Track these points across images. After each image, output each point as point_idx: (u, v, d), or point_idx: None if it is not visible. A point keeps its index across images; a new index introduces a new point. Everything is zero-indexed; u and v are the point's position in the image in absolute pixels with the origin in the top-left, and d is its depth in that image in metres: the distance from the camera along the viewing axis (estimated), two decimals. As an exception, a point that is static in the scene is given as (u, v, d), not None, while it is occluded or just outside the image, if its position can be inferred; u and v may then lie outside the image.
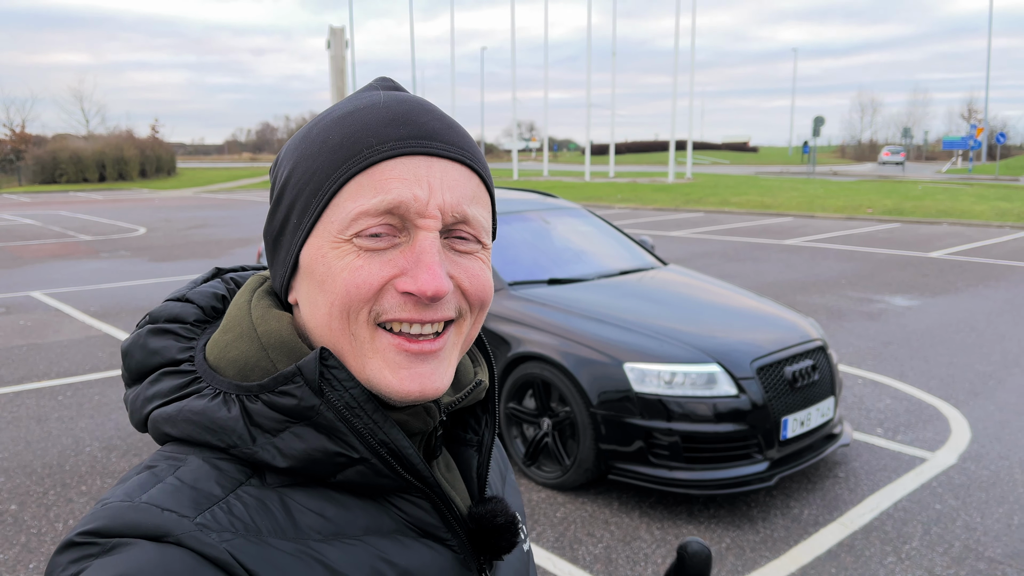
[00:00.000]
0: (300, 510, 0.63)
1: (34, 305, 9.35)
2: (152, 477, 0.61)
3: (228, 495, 0.61)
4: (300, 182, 0.66)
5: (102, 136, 52.52)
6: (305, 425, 0.63)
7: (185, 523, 0.57)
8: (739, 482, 3.84)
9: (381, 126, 0.65)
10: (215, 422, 0.63)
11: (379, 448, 0.64)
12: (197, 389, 0.66)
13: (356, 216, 0.63)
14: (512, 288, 4.64)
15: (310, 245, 0.65)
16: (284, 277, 0.69)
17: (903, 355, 6.83)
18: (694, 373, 3.87)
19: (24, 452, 4.76)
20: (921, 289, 9.87)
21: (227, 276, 0.80)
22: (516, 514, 0.75)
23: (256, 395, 0.64)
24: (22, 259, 13.55)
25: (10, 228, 19.33)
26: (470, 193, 0.67)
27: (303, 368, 0.63)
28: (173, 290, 0.78)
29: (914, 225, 17.73)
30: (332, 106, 0.71)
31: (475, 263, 0.67)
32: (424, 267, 0.62)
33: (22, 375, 6.37)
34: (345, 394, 0.63)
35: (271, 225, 0.70)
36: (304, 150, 0.67)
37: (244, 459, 0.63)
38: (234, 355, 0.67)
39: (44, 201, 30.72)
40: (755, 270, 11.49)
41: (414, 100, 0.68)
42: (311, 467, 0.63)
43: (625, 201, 25.04)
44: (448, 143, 0.66)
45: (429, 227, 0.64)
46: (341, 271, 0.63)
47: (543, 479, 4.25)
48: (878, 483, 4.29)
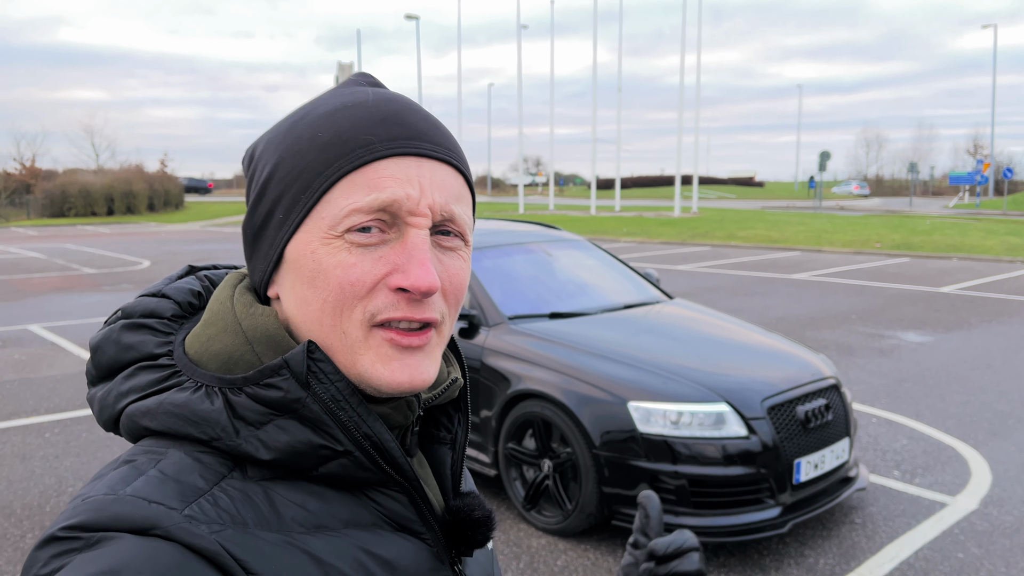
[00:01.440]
0: (283, 503, 0.63)
1: (31, 339, 9.21)
2: (133, 470, 0.60)
3: (212, 487, 0.60)
4: (287, 177, 0.66)
5: (112, 170, 52.91)
6: (290, 418, 0.63)
7: (174, 515, 0.56)
8: (750, 529, 3.63)
9: (372, 124, 0.66)
10: (197, 414, 0.63)
11: (363, 441, 0.64)
12: (178, 382, 0.65)
13: (349, 212, 0.64)
14: (512, 322, 4.48)
15: (297, 240, 0.65)
16: (266, 271, 0.69)
17: (918, 393, 6.61)
18: (702, 413, 3.69)
19: (5, 492, 4.58)
20: (934, 325, 9.66)
21: (201, 273, 0.80)
22: (491, 509, 0.76)
23: (240, 388, 0.64)
24: (24, 292, 13.46)
25: (15, 261, 19.30)
26: (456, 192, 0.68)
27: (290, 361, 0.63)
28: (146, 287, 0.76)
29: (924, 260, 17.53)
30: (314, 100, 0.70)
31: (457, 261, 0.69)
32: (417, 263, 0.63)
33: (11, 411, 6.21)
34: (331, 387, 0.63)
35: (252, 219, 0.69)
36: (290, 145, 0.67)
37: (226, 452, 0.63)
38: (217, 348, 0.67)
39: (51, 234, 30.81)
40: (763, 305, 11.31)
41: (401, 99, 0.69)
42: (294, 460, 0.63)
43: (631, 235, 24.94)
44: (436, 144, 0.68)
45: (420, 225, 0.65)
46: (333, 268, 0.64)
47: (543, 524, 4.04)
48: (897, 530, 4.07)
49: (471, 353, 4.41)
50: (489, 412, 4.30)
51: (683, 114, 35.36)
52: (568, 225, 28.17)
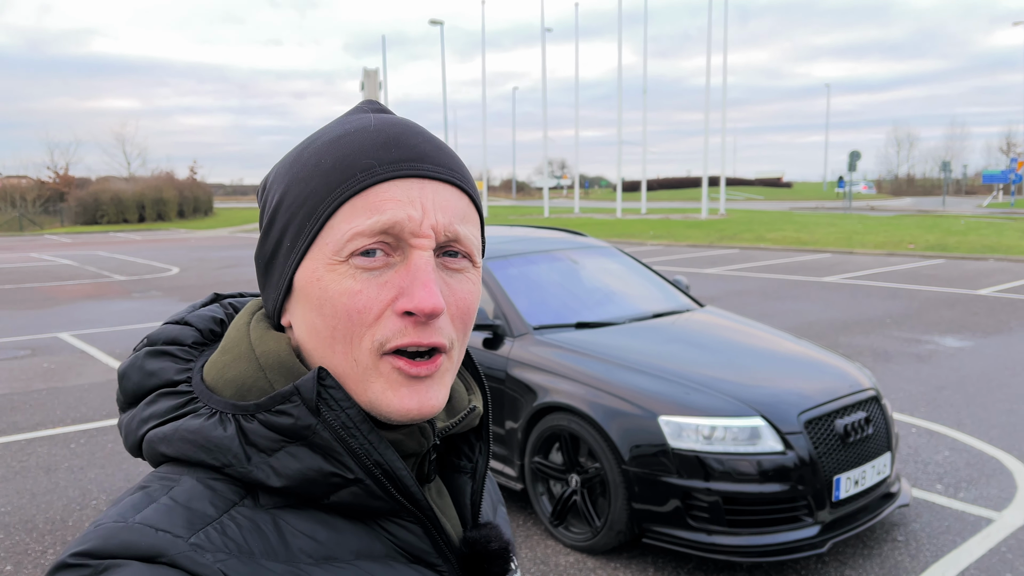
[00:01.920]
0: (292, 532, 0.62)
1: (60, 347, 9.28)
2: (145, 497, 0.61)
3: (222, 515, 0.60)
4: (293, 205, 0.66)
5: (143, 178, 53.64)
6: (301, 445, 0.63)
7: (179, 543, 0.56)
8: (787, 548, 3.48)
9: (374, 149, 0.65)
10: (210, 441, 0.63)
11: (374, 469, 0.64)
12: (193, 409, 0.66)
13: (351, 237, 0.63)
14: (537, 332, 4.37)
15: (304, 268, 0.66)
16: (277, 300, 0.69)
17: (959, 401, 6.38)
18: (735, 427, 3.55)
19: (28, 506, 4.55)
20: (972, 329, 9.38)
21: (226, 301, 0.81)
22: (510, 540, 0.75)
23: (252, 414, 0.64)
24: (55, 299, 13.61)
25: (48, 268, 19.57)
26: (461, 213, 0.68)
27: (301, 387, 0.63)
28: (172, 314, 0.75)
29: (959, 261, 17.12)
30: (321, 129, 0.71)
31: (465, 284, 0.68)
32: (420, 284, 0.63)
33: (37, 421, 6.22)
34: (342, 414, 0.63)
35: (263, 249, 0.70)
36: (296, 173, 0.67)
37: (238, 479, 0.63)
38: (232, 375, 0.67)
39: (84, 242, 31.26)
40: (794, 309, 11.08)
41: (404, 122, 0.69)
42: (305, 487, 0.63)
43: (657, 238, 24.70)
44: (439, 164, 0.67)
45: (424, 246, 0.64)
46: (340, 296, 0.63)
47: (571, 541, 3.92)
48: (942, 548, 3.89)
49: (496, 364, 4.31)
50: (515, 424, 4.19)
51: (709, 115, 35.05)
52: (594, 228, 28.00)
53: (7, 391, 7.19)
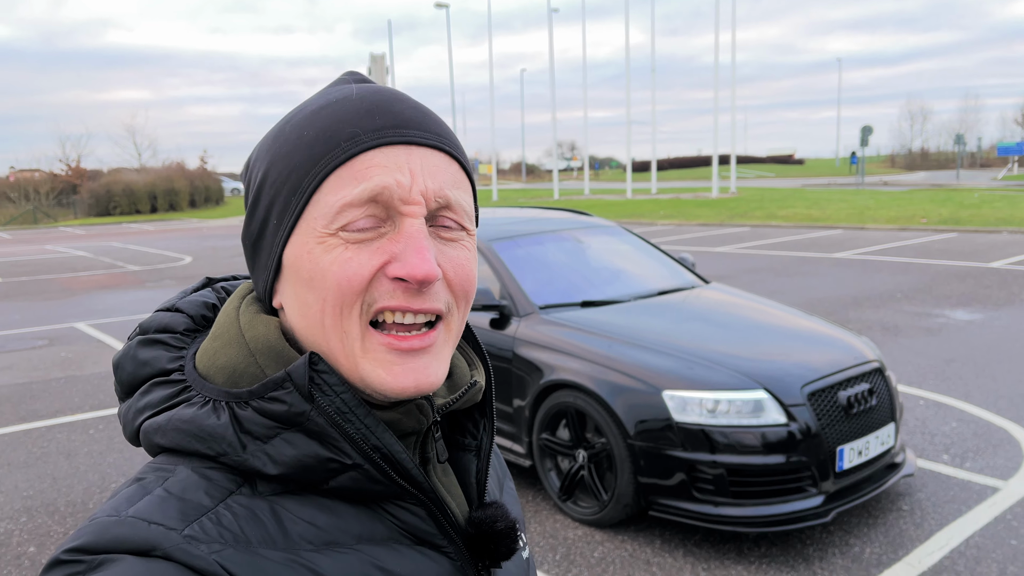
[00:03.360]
0: (291, 519, 0.61)
1: (76, 336, 9.42)
2: (140, 490, 0.60)
3: (217, 505, 0.59)
4: (278, 181, 0.65)
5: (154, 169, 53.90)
6: (296, 431, 0.62)
7: (173, 536, 0.56)
8: (792, 518, 3.53)
9: (357, 118, 0.64)
10: (204, 430, 0.62)
11: (372, 453, 0.63)
12: (187, 398, 0.65)
13: (340, 209, 0.62)
14: (543, 312, 4.41)
15: (293, 244, 0.64)
16: (267, 281, 0.67)
17: (967, 373, 6.39)
18: (739, 400, 3.59)
19: (49, 490, 4.67)
20: (983, 301, 9.35)
21: (218, 285, 0.79)
22: (516, 520, 0.74)
23: (246, 402, 0.63)
24: (71, 290, 13.78)
25: (63, 260, 19.78)
26: (451, 179, 0.66)
27: (292, 373, 0.62)
28: (161, 302, 0.75)
29: (972, 234, 17.01)
30: (303, 102, 0.69)
31: (460, 251, 0.66)
32: (413, 251, 0.61)
33: (56, 408, 6.34)
34: (336, 399, 0.62)
35: (249, 229, 0.68)
36: (278, 149, 0.66)
37: (234, 467, 0.62)
38: (223, 362, 0.66)
39: (98, 233, 31.52)
40: (804, 285, 11.07)
41: (387, 90, 0.68)
42: (303, 474, 0.62)
43: (668, 217, 24.64)
44: (426, 131, 0.65)
45: (414, 213, 0.63)
46: (330, 265, 0.62)
47: (579, 515, 3.99)
48: (947, 517, 3.93)
49: (503, 344, 4.37)
50: (522, 402, 4.25)
51: (719, 93, 34.79)
52: (604, 209, 27.95)
53: (26, 380, 7.32)
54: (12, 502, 4.51)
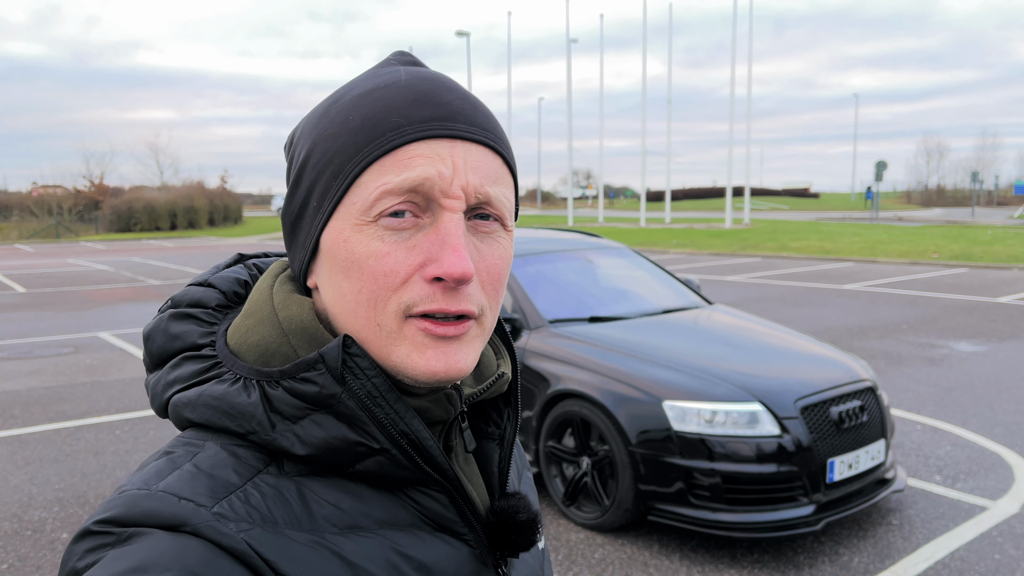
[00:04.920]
0: (317, 501, 0.62)
1: (101, 345, 9.72)
2: (170, 463, 0.61)
3: (246, 483, 0.60)
4: (320, 163, 0.65)
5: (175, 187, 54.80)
6: (326, 413, 0.62)
7: (202, 512, 0.56)
8: (784, 525, 3.72)
9: (404, 106, 0.63)
10: (234, 407, 0.63)
11: (399, 439, 0.63)
12: (218, 374, 0.65)
13: (380, 195, 0.62)
14: (553, 325, 4.65)
15: (331, 228, 0.64)
16: (304, 261, 0.68)
17: (966, 401, 6.55)
18: (735, 412, 3.80)
19: (79, 484, 4.92)
20: (987, 335, 9.49)
21: (250, 262, 0.80)
22: (538, 511, 0.74)
23: (277, 381, 0.63)
24: (93, 302, 14.14)
25: (85, 273, 20.22)
26: (493, 174, 0.65)
27: (325, 355, 0.62)
28: (195, 275, 0.79)
29: (982, 270, 17.12)
30: (351, 82, 0.69)
31: (495, 248, 0.66)
32: (450, 249, 0.61)
33: (84, 410, 6.61)
34: (367, 383, 0.62)
35: (289, 207, 0.68)
36: (323, 130, 0.65)
37: (262, 446, 0.62)
38: (255, 340, 0.66)
39: (119, 248, 32.08)
40: (812, 315, 11.24)
41: (436, 77, 0.67)
42: (330, 456, 0.62)
43: (680, 246, 24.86)
44: (472, 124, 0.65)
45: (453, 208, 0.63)
46: (367, 258, 0.62)
47: (582, 519, 4.18)
48: (934, 531, 4.10)
49: (513, 355, 4.59)
50: (530, 412, 4.47)
51: (734, 126, 35.14)
52: (617, 237, 28.18)
53: (54, 384, 7.61)
54: (45, 493, 4.76)
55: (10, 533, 4.20)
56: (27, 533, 4.20)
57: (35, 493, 4.76)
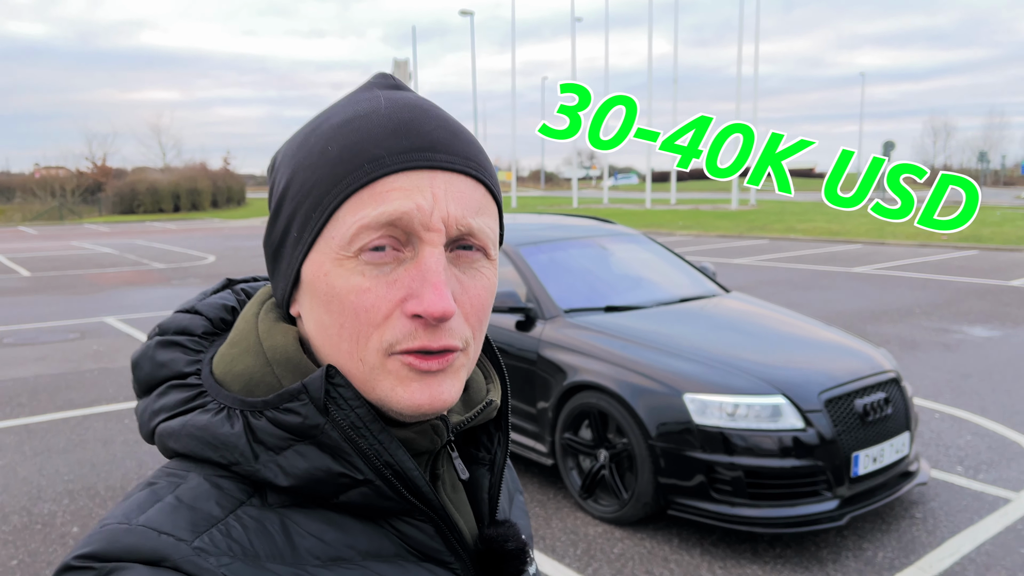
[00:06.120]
0: (299, 533, 0.61)
1: (107, 330, 9.66)
2: (152, 495, 0.60)
3: (228, 516, 0.60)
4: (299, 194, 0.64)
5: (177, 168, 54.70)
6: (309, 444, 0.62)
7: (182, 547, 0.56)
8: (807, 520, 3.65)
9: (383, 137, 0.62)
10: (217, 438, 0.62)
11: (383, 470, 0.62)
12: (202, 403, 0.65)
13: (357, 230, 0.61)
14: (568, 315, 4.56)
15: (311, 260, 0.63)
16: (286, 290, 0.67)
17: (984, 388, 6.46)
18: (758, 405, 3.71)
19: (89, 475, 4.86)
20: (1002, 319, 9.39)
21: (238, 287, 0.79)
22: (527, 541, 0.73)
23: (260, 411, 0.63)
24: (98, 286, 14.08)
25: (90, 256, 20.16)
26: (476, 204, 0.64)
27: (308, 386, 0.62)
28: (183, 301, 0.77)
29: (993, 252, 16.97)
30: (331, 107, 0.68)
31: (478, 279, 0.65)
32: (430, 287, 0.60)
33: (92, 398, 6.55)
34: (351, 413, 0.62)
35: (271, 236, 0.67)
36: (302, 159, 0.64)
37: (246, 477, 0.62)
38: (240, 369, 0.66)
39: (122, 231, 32.02)
40: (822, 298, 11.13)
41: (417, 104, 0.65)
42: (314, 487, 0.62)
43: (686, 228, 24.71)
44: (453, 154, 0.64)
45: (434, 241, 0.61)
46: (347, 293, 0.61)
47: (600, 513, 4.12)
48: (959, 525, 4.02)
49: (528, 346, 4.51)
50: (546, 403, 4.39)
51: (740, 105, 34.84)
52: (622, 218, 28.04)
53: (61, 371, 7.55)
54: (55, 485, 4.71)
55: (19, 527, 4.14)
56: (37, 527, 4.15)
57: (44, 485, 4.71)
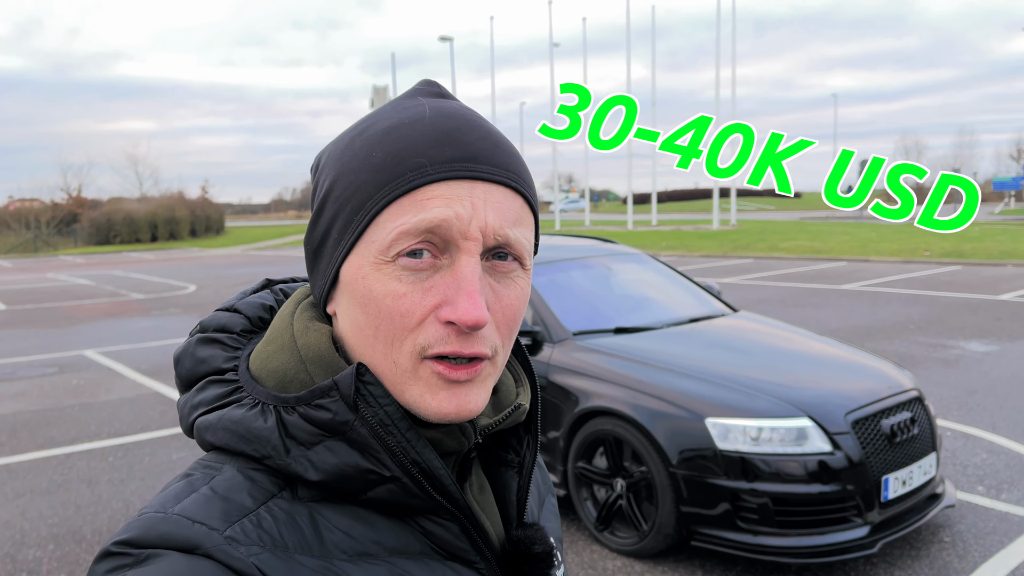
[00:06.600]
0: (327, 527, 0.63)
1: (86, 364, 9.35)
2: (187, 486, 0.62)
3: (259, 507, 0.61)
4: (342, 197, 0.65)
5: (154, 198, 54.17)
6: (339, 440, 0.63)
7: (215, 536, 0.57)
8: (838, 549, 3.48)
9: (426, 146, 0.63)
10: (251, 432, 0.64)
11: (411, 467, 0.63)
12: (238, 398, 0.66)
13: (397, 236, 0.62)
14: (577, 338, 4.39)
15: (351, 262, 0.65)
16: (324, 288, 0.68)
17: (991, 404, 6.37)
18: (783, 428, 3.56)
19: (74, 517, 4.60)
20: (997, 334, 9.35)
21: (276, 287, 0.81)
22: (555, 544, 0.74)
23: (293, 407, 0.64)
24: (76, 318, 13.73)
25: (66, 288, 19.74)
26: (513, 216, 0.65)
27: (339, 383, 0.63)
28: (224, 300, 0.78)
29: (976, 267, 17.07)
30: (375, 113, 0.69)
31: (512, 288, 0.66)
32: (465, 295, 0.61)
33: (73, 436, 6.27)
34: (380, 411, 0.63)
35: (312, 235, 0.69)
36: (347, 163, 0.66)
37: (277, 470, 0.63)
38: (274, 366, 0.67)
39: (98, 262, 31.50)
40: (815, 316, 11.07)
41: (461, 114, 0.66)
42: (342, 483, 0.63)
43: (670, 249, 24.72)
44: (494, 165, 0.65)
45: (471, 250, 0.63)
46: (384, 297, 0.62)
47: (618, 545, 3.93)
48: (990, 549, 3.88)
49: (537, 370, 4.32)
50: (557, 431, 4.21)
51: (718, 127, 35.11)
52: (606, 240, 27.98)
53: (40, 407, 7.25)
54: (38, 529, 4.44)
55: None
56: (22, 575, 3.88)
57: (28, 529, 4.44)
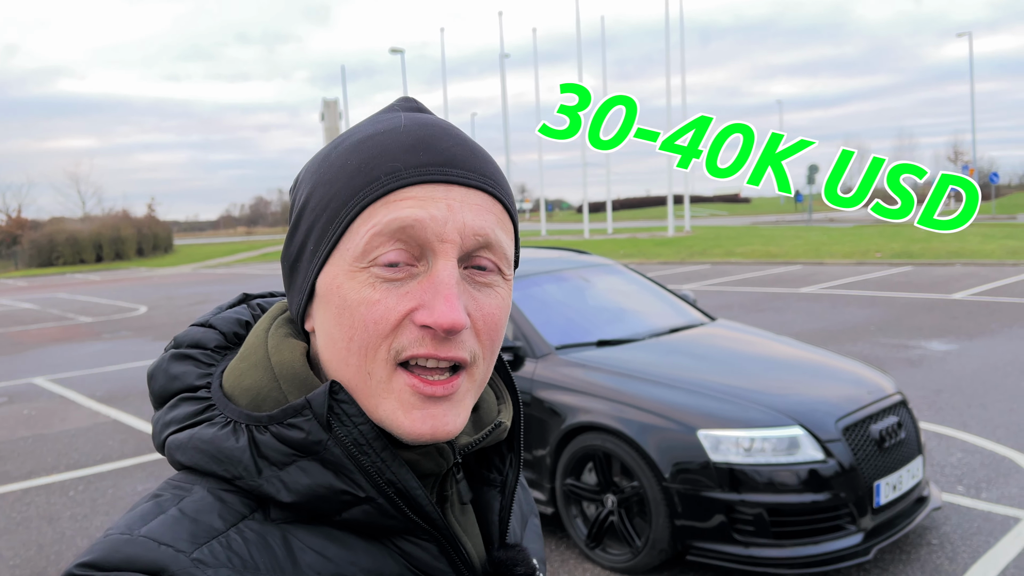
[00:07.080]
0: (301, 548, 0.61)
1: (37, 392, 8.97)
2: (156, 507, 0.60)
3: (229, 529, 0.59)
4: (317, 207, 0.64)
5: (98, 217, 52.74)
6: (312, 460, 0.61)
7: (181, 559, 0.56)
8: (835, 558, 3.46)
9: (401, 152, 0.62)
10: (222, 451, 0.62)
11: (386, 488, 0.62)
12: (210, 417, 0.65)
13: (370, 239, 0.61)
14: (560, 352, 4.32)
15: (326, 273, 0.63)
16: (300, 304, 0.67)
17: (959, 403, 6.47)
18: (775, 438, 3.53)
19: (36, 558, 4.35)
20: (956, 332, 9.56)
21: (253, 302, 0.79)
22: (537, 566, 0.72)
23: (265, 426, 0.62)
24: (23, 344, 13.20)
25: (9, 313, 19.00)
26: (493, 219, 0.63)
27: (312, 401, 0.61)
28: (199, 315, 0.75)
29: (927, 267, 17.51)
30: (353, 127, 0.68)
31: (492, 298, 0.64)
32: (441, 298, 0.60)
33: (29, 470, 5.97)
34: (354, 430, 0.61)
35: (288, 250, 0.68)
36: (322, 175, 0.65)
37: (249, 491, 0.61)
38: (248, 384, 0.65)
39: (42, 284, 30.47)
40: (778, 320, 11.19)
41: (436, 124, 0.65)
42: (316, 503, 0.61)
43: (628, 256, 24.88)
44: (470, 170, 0.63)
45: (448, 253, 0.61)
46: (358, 305, 0.61)
47: (610, 563, 3.85)
48: (978, 549, 3.90)
49: (520, 387, 4.24)
50: (543, 449, 4.12)
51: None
52: (564, 250, 28.08)
53: (-10, 440, 6.90)
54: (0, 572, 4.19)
55: (-41, 626, 3.64)
56: (-20, 625, 3.65)
57: (-16, 574, 4.19)
